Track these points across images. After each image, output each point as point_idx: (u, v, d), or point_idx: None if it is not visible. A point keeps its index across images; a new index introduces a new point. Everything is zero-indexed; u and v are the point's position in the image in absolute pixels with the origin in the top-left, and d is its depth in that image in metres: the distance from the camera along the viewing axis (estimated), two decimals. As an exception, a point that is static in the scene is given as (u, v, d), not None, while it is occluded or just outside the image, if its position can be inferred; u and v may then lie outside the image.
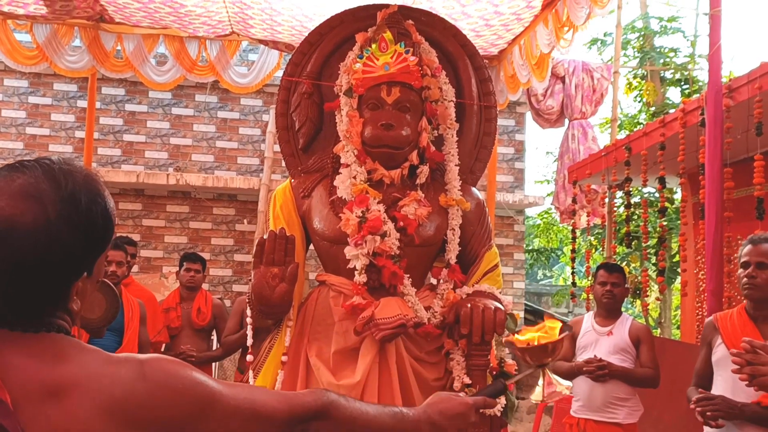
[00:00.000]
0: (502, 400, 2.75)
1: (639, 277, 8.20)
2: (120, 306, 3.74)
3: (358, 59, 2.96)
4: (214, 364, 6.23)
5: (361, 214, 2.79)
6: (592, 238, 10.83)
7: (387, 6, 3.10)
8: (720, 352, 3.20)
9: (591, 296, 5.48)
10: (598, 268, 4.62)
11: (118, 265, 4.74)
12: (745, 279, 3.14)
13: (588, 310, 6.08)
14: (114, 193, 9.38)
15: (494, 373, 2.81)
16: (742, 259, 3.20)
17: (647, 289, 6.21)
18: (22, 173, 1.15)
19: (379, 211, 2.81)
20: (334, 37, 3.12)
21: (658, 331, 11.89)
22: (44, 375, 1.10)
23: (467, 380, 2.72)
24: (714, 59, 4.36)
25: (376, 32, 2.99)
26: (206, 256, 9.17)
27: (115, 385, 1.12)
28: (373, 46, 2.94)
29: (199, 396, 1.19)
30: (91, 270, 1.22)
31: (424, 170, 2.96)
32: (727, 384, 3.12)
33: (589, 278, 5.21)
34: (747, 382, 2.14)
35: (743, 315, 3.21)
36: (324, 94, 3.12)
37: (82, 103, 9.20)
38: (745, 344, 2.15)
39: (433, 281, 2.99)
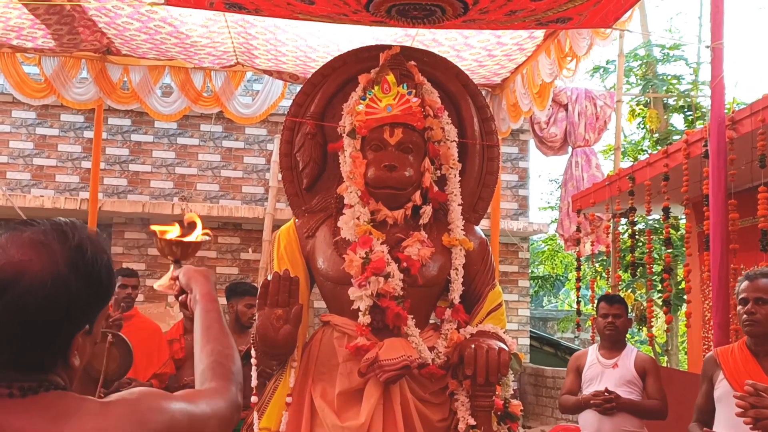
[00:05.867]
0: None
1: (644, 304, 8.17)
2: (132, 359, 3.81)
3: (361, 101, 2.99)
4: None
5: (364, 255, 2.79)
6: (598, 265, 10.80)
7: (389, 47, 3.14)
8: (722, 387, 3.18)
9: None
10: (599, 300, 4.62)
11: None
12: (744, 315, 3.15)
13: (593, 338, 6.05)
14: (120, 222, 9.43)
15: (499, 413, 2.81)
16: (740, 296, 3.20)
17: (652, 319, 6.19)
18: (30, 227, 1.18)
19: (383, 251, 2.82)
20: (337, 78, 3.15)
21: (665, 358, 11.82)
22: None
23: (472, 421, 2.71)
24: (716, 91, 4.38)
25: (378, 74, 3.02)
26: (211, 285, 9.16)
27: None
28: (376, 87, 2.96)
29: (186, 425, 1.24)
30: (92, 326, 1.23)
31: (427, 210, 2.97)
32: (730, 421, 3.10)
33: (594, 305, 5.22)
34: (751, 426, 2.14)
35: (744, 350, 3.20)
36: (327, 135, 3.14)
37: (89, 134, 9.25)
38: (748, 387, 2.14)
39: (437, 321, 2.99)
